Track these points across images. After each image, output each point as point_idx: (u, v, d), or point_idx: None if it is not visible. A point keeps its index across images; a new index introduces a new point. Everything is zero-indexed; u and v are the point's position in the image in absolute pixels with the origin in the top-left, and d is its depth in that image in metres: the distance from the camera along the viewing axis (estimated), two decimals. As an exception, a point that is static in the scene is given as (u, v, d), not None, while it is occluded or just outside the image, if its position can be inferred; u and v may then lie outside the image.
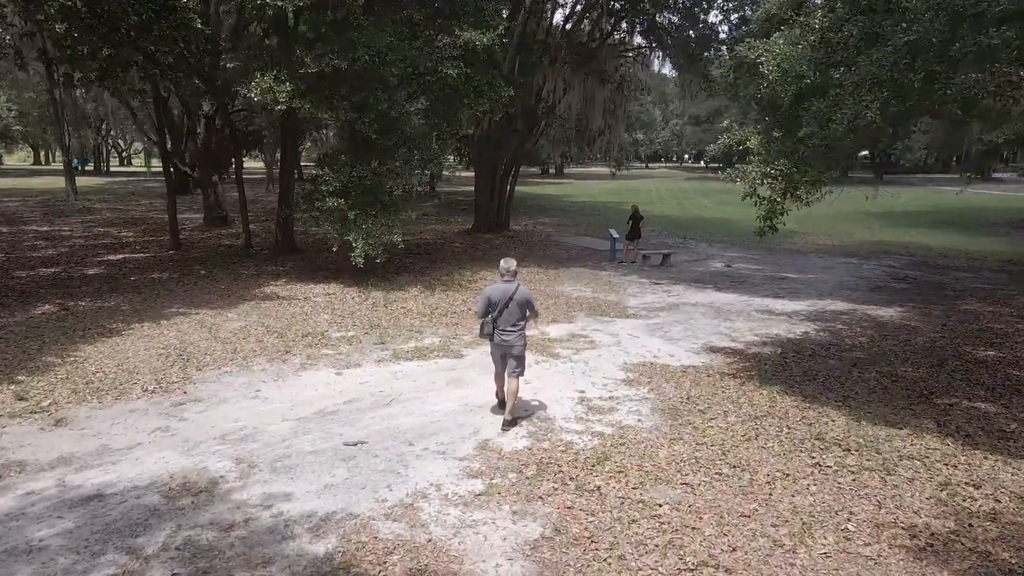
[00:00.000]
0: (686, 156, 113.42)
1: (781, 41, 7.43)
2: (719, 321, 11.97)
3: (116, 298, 12.52)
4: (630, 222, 18.63)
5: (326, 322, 11.29)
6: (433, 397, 8.01)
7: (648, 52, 21.43)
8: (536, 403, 7.86)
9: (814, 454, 6.53)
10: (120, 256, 17.02)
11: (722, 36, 18.11)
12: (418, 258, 17.93)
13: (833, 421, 7.34)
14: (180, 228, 22.48)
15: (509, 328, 7.13)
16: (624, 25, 21.27)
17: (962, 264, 19.28)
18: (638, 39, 21.52)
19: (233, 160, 18.01)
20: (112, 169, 70.79)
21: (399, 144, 14.15)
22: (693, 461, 6.37)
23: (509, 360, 7.23)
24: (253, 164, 65.41)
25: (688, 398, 8.05)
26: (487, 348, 9.98)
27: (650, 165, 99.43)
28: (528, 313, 7.33)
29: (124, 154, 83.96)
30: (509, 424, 7.12)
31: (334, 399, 7.88)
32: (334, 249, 13.67)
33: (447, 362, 9.38)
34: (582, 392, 8.24)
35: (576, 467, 6.23)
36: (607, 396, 8.11)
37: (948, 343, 10.60)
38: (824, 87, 7.30)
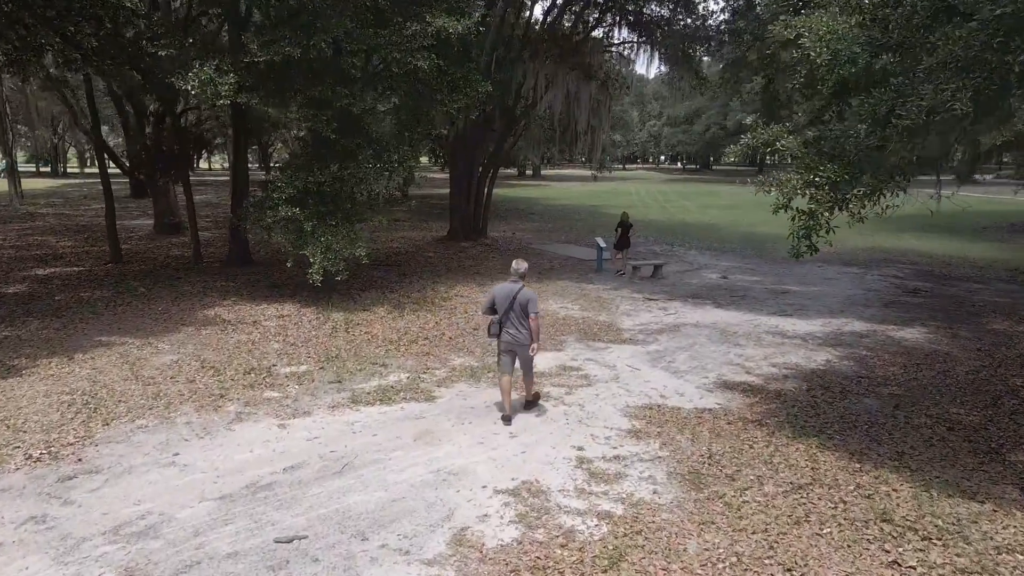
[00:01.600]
0: (662, 157, 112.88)
1: (825, 18, 6.01)
2: (727, 347, 10.54)
3: (31, 324, 10.75)
4: (619, 230, 17.18)
5: (275, 353, 9.65)
6: (397, 460, 6.43)
7: (636, 47, 20.04)
8: (525, 468, 6.31)
9: (886, 546, 5.07)
10: (50, 270, 15.17)
11: (720, 27, 16.73)
12: (387, 271, 16.31)
13: (896, 491, 5.90)
14: (129, 236, 20.69)
15: (514, 327, 7.29)
16: (609, 18, 19.86)
17: (969, 273, 18.13)
18: (624, 33, 20.12)
19: (181, 160, 16.19)
20: (71, 170, 67.97)
21: (364, 145, 12.55)
22: (734, 560, 4.87)
23: (519, 361, 7.47)
24: (224, 165, 63.35)
25: (710, 456, 6.57)
26: (461, 388, 8.51)
27: (627, 166, 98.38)
28: (529, 316, 7.26)
29: (86, 155, 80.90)
30: (530, 403, 7.77)
31: (272, 465, 6.27)
32: (288, 264, 12.02)
33: (415, 408, 7.80)
34: (580, 450, 6.71)
35: (582, 572, 4.70)
36: (611, 455, 6.60)
37: (992, 374, 9.27)
38: (882, 74, 5.88)
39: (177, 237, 20.77)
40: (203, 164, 76.72)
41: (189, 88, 10.69)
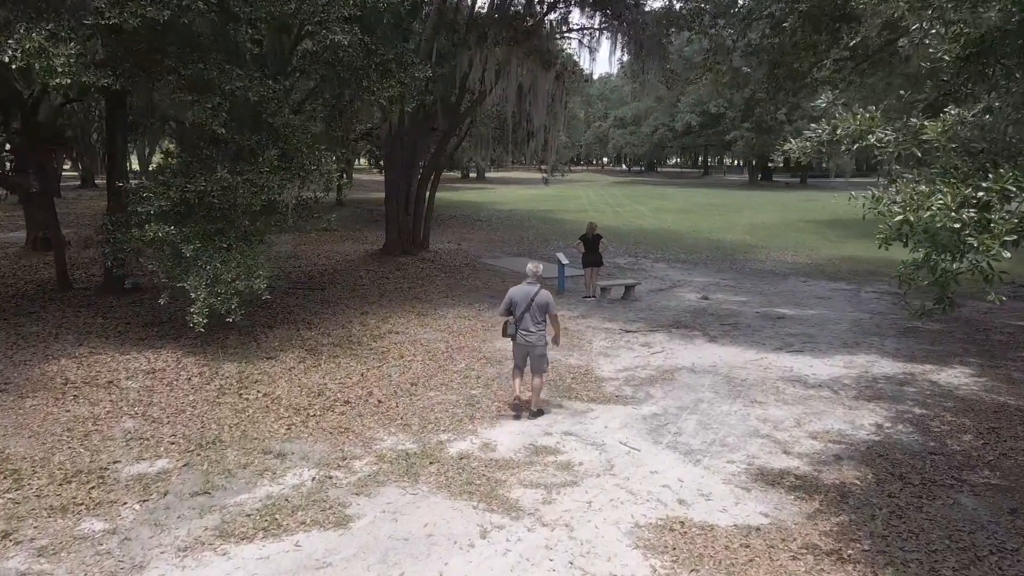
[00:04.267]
0: (605, 160, 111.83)
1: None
2: (743, 405, 8.12)
3: None
4: (581, 243, 14.67)
5: (124, 439, 6.74)
6: None
7: (597, 34, 17.62)
8: None
9: None
10: None
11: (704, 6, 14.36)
12: (306, 295, 13.39)
13: None
14: (-7, 253, 17.18)
15: (531, 328, 7.42)
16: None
17: (965, 288, 16.29)
18: (584, 19, 17.66)
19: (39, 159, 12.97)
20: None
21: (266, 144, 9.72)
22: None
23: (532, 359, 7.51)
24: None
25: (790, 640, 4.06)
26: (390, 496, 5.74)
27: (572, 169, 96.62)
28: (548, 316, 7.52)
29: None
30: (535, 414, 7.55)
31: None
32: (161, 302, 9.08)
33: (318, 542, 5.06)
34: (582, 635, 4.12)
35: None
36: (634, 646, 4.02)
37: (1096, 444, 7.10)
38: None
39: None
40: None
41: (7, 61, 7.67)
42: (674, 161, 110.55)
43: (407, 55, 11.49)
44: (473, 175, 66.27)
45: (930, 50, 4.45)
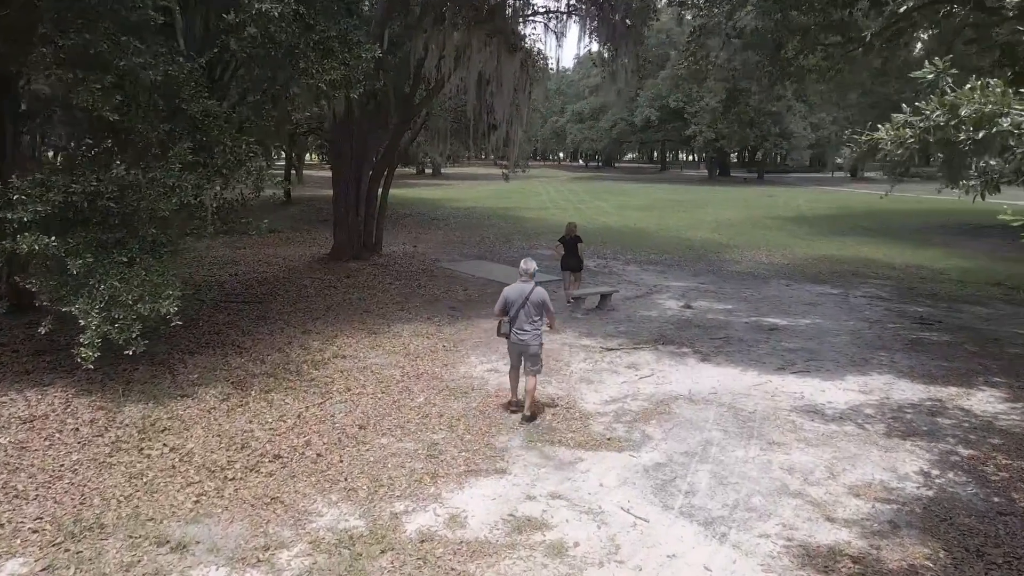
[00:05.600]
0: (561, 155, 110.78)
1: None
2: (761, 449, 6.78)
3: None
4: (560, 245, 13.26)
5: (-34, 527, 5.05)
6: None
7: (564, 17, 16.20)
8: None
9: None
10: None
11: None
12: (241, 310, 11.64)
13: None
14: None
15: (526, 327, 7.29)
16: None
17: (955, 291, 15.43)
18: (550, 1, 16.22)
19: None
20: None
21: (180, 135, 8.02)
22: None
23: (525, 359, 7.37)
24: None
25: None
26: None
27: (531, 164, 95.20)
28: (545, 314, 7.41)
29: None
30: (528, 419, 7.30)
31: None
32: (42, 331, 7.32)
33: None
34: None
35: None
36: None
37: None
38: None
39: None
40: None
41: None
42: (630, 156, 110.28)
43: (352, 32, 9.86)
44: (429, 171, 64.31)
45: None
